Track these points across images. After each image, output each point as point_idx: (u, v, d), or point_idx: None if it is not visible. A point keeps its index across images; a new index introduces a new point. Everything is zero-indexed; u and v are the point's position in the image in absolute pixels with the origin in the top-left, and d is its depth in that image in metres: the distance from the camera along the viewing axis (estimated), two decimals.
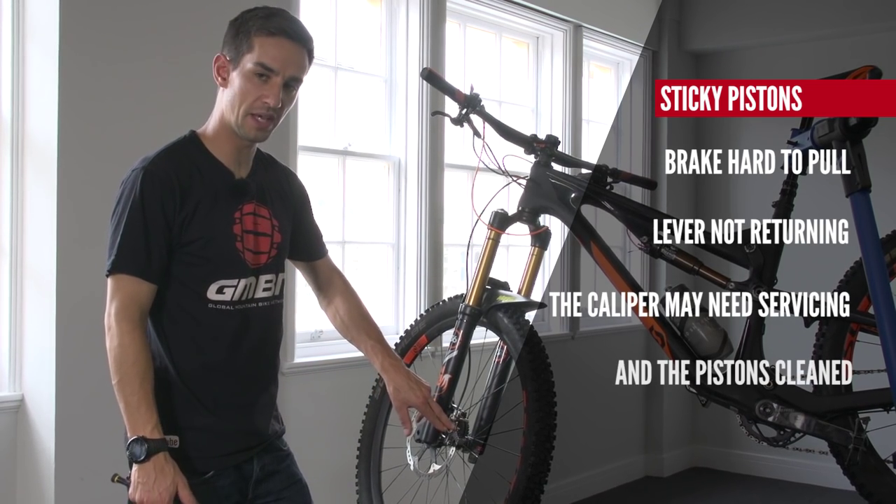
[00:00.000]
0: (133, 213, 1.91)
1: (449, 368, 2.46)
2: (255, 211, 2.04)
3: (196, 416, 1.98)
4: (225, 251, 1.98)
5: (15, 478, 2.92)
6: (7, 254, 2.93)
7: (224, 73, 1.99)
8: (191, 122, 2.84)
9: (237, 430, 2.03)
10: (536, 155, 2.60)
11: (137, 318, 1.92)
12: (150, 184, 1.92)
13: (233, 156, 2.02)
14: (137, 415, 1.87)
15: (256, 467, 2.07)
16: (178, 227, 1.93)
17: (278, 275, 2.09)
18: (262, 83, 1.95)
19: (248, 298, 2.02)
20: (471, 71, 4.70)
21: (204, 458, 1.99)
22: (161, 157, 1.96)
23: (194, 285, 1.96)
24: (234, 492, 2.04)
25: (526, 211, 2.58)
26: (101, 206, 2.99)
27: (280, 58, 1.95)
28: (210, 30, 3.30)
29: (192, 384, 1.98)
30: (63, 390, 2.88)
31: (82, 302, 2.92)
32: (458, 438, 2.44)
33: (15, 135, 2.94)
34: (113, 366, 1.91)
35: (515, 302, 2.47)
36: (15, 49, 2.94)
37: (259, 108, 1.96)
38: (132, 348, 1.90)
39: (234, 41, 1.98)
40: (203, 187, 1.97)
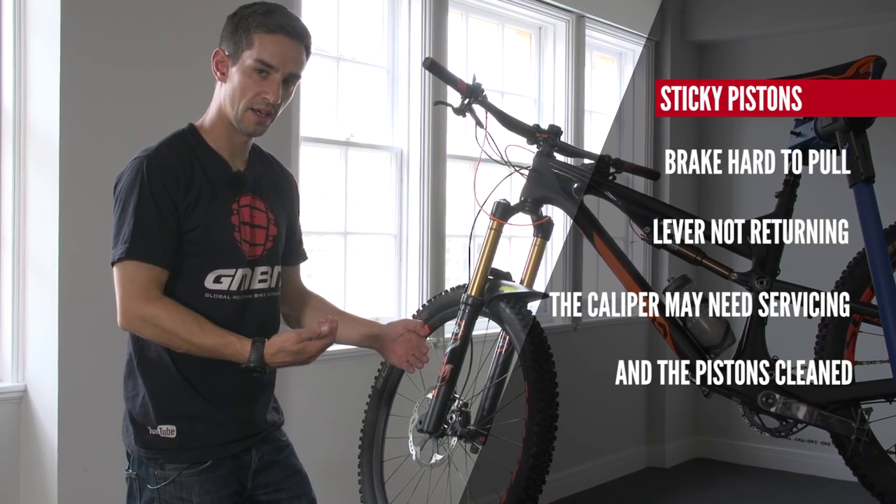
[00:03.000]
0: (142, 200, 1.92)
1: (451, 359, 2.46)
2: (252, 203, 2.06)
3: (192, 405, 1.99)
4: (223, 240, 1.99)
5: (18, 468, 2.92)
6: (9, 244, 2.94)
7: (223, 68, 2.01)
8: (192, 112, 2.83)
9: (233, 419, 2.04)
10: (539, 145, 2.59)
11: (158, 296, 1.92)
12: (155, 171, 1.93)
13: (230, 149, 2.05)
14: (230, 349, 1.91)
15: (255, 457, 2.08)
16: (182, 213, 1.95)
17: (274, 267, 2.10)
18: (262, 79, 1.98)
19: (245, 289, 2.03)
20: (473, 61, 4.69)
21: (201, 448, 2.00)
22: (163, 147, 1.99)
23: (192, 274, 1.97)
24: (232, 481, 2.04)
25: (528, 201, 2.57)
26: (102, 196, 2.99)
27: (279, 54, 1.97)
28: (211, 19, 3.29)
29: (188, 373, 1.99)
30: (66, 381, 2.88)
31: (84, 292, 2.92)
32: (460, 429, 2.45)
33: (17, 125, 2.94)
34: (173, 342, 1.92)
35: (518, 292, 2.46)
36: (16, 40, 2.93)
37: (259, 103, 1.98)
38: (169, 315, 1.90)
39: (232, 36, 1.99)
40: (203, 178, 1.98)
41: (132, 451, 2.03)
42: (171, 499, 1.99)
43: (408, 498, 2.81)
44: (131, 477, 2.04)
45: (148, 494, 2.00)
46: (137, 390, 2.01)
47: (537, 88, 5.13)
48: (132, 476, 2.04)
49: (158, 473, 1.99)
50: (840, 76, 2.29)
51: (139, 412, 2.01)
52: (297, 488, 2.17)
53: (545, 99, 5.13)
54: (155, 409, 1.99)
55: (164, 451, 1.99)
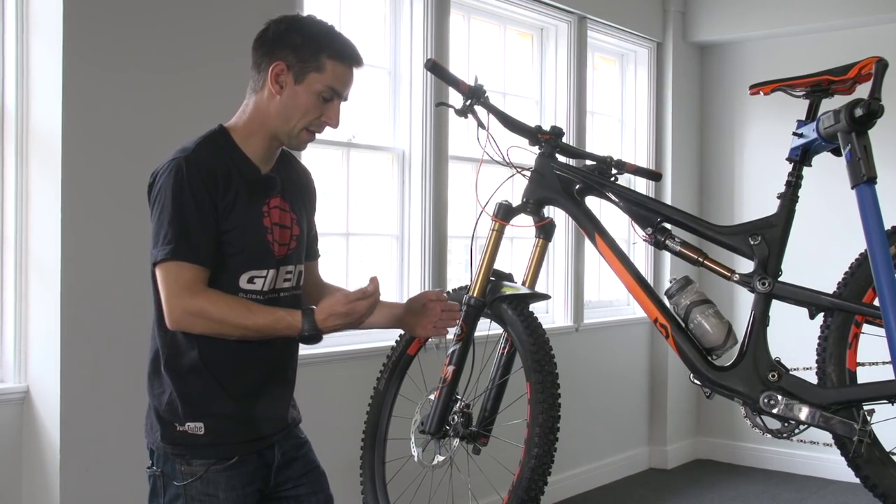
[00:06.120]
0: (183, 201, 1.93)
1: (453, 360, 2.46)
2: (280, 205, 2.09)
3: (222, 404, 2.01)
4: (258, 242, 2.02)
5: (20, 469, 2.93)
6: (12, 245, 2.94)
7: (282, 83, 2.02)
8: (192, 112, 2.84)
9: (260, 416, 2.06)
10: (541, 146, 2.59)
11: (202, 289, 1.94)
12: (195, 171, 1.95)
13: (262, 154, 2.08)
14: (282, 323, 1.94)
15: (278, 454, 2.11)
16: (221, 214, 1.97)
17: (297, 266, 2.14)
18: (324, 104, 2.03)
19: (273, 289, 2.06)
20: (475, 62, 4.69)
21: (228, 445, 2.02)
22: (200, 147, 2.00)
23: (228, 275, 2.00)
24: (257, 478, 2.07)
25: (530, 202, 2.57)
26: (104, 196, 3.00)
27: (347, 83, 2.06)
28: (212, 20, 3.30)
29: (217, 372, 2.00)
30: (68, 381, 2.88)
31: (87, 293, 2.93)
32: (462, 430, 2.45)
33: (19, 126, 2.94)
34: (225, 330, 1.94)
35: (520, 293, 2.46)
36: (19, 40, 2.94)
37: (318, 126, 2.05)
38: (216, 305, 1.92)
39: (297, 53, 2.00)
40: (239, 179, 2.01)
41: (156, 447, 2.04)
42: (198, 494, 2.00)
43: (410, 499, 2.81)
44: (155, 474, 2.05)
45: (173, 491, 2.01)
46: (164, 388, 2.02)
47: (539, 89, 5.13)
48: (156, 473, 2.04)
49: (185, 469, 2.00)
50: (842, 77, 2.29)
51: (166, 409, 2.02)
52: (315, 484, 2.20)
53: (547, 100, 5.13)
54: (183, 407, 2.00)
55: (191, 446, 2.00)
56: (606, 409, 5.39)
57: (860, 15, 5.31)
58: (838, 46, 5.36)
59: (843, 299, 2.28)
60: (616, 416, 5.51)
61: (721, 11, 5.77)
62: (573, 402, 3.98)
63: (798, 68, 2.70)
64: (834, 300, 2.28)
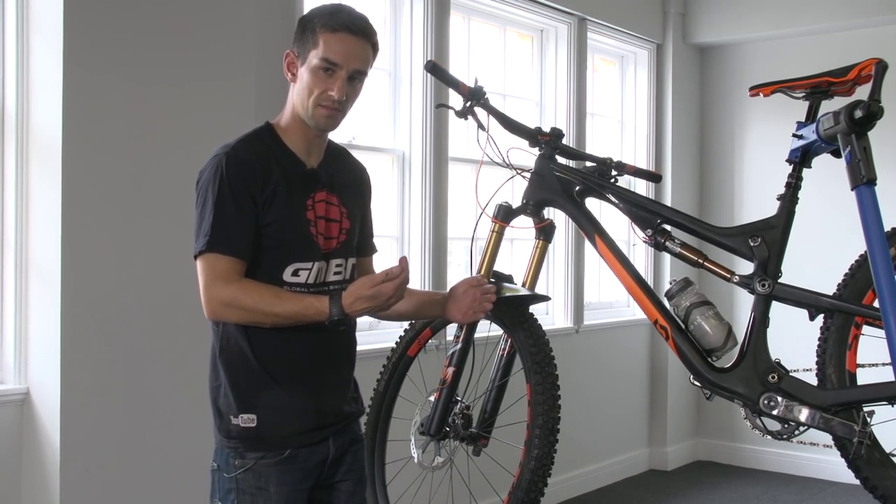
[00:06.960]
0: (221, 195, 1.97)
1: (453, 361, 2.46)
2: (327, 198, 2.11)
3: (270, 394, 2.02)
4: (300, 235, 2.04)
5: (20, 470, 2.93)
6: (12, 247, 2.94)
7: (293, 69, 2.08)
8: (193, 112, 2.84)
9: (309, 408, 2.06)
10: (541, 148, 2.60)
11: (236, 279, 1.97)
12: (234, 166, 1.99)
13: (305, 146, 2.10)
14: (311, 310, 1.96)
15: (332, 448, 2.11)
16: (260, 207, 2.00)
17: (348, 259, 2.15)
18: (328, 77, 2.04)
19: (321, 282, 2.07)
20: (475, 64, 4.69)
21: (279, 437, 2.03)
22: (241, 143, 2.04)
23: (271, 267, 2.02)
24: (311, 475, 2.07)
25: (530, 204, 2.58)
26: (105, 198, 3.00)
27: (343, 52, 2.03)
28: (213, 21, 3.30)
29: (266, 364, 2.02)
30: (68, 383, 2.88)
31: (87, 294, 2.93)
32: (462, 431, 2.45)
33: (19, 128, 2.94)
34: (257, 318, 1.96)
35: (520, 295, 2.47)
36: (19, 42, 2.94)
37: (325, 100, 2.04)
38: (248, 294, 1.95)
39: (301, 38, 2.06)
40: (280, 173, 2.03)
41: (217, 441, 2.07)
42: (249, 487, 2.01)
43: (410, 500, 2.81)
44: (212, 469, 2.07)
45: (227, 485, 2.03)
46: (219, 381, 2.05)
47: (539, 91, 5.13)
48: (213, 468, 2.07)
49: (238, 463, 2.02)
50: (842, 79, 2.29)
51: (223, 402, 2.04)
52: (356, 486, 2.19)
53: (547, 101, 5.13)
54: (236, 398, 2.02)
55: (244, 440, 2.02)
56: (606, 411, 5.39)
57: (860, 17, 5.31)
58: (838, 48, 5.37)
59: (843, 301, 2.28)
60: (616, 418, 5.50)
61: (721, 13, 5.77)
62: (573, 404, 3.98)
63: (798, 70, 2.70)
64: (834, 301, 2.28)
